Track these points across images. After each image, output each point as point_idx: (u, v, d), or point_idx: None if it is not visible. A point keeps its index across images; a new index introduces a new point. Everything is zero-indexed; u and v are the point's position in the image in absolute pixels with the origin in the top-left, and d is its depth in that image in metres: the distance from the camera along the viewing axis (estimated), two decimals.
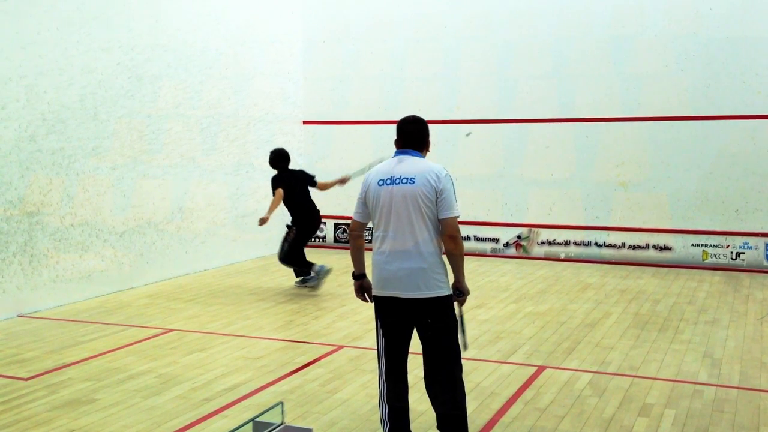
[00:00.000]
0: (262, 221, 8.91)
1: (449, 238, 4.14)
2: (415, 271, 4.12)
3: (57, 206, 8.42)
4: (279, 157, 9.34)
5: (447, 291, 4.20)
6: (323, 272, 9.27)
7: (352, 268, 4.56)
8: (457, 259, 4.21)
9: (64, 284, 8.52)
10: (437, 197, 4.10)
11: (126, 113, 9.35)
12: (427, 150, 4.38)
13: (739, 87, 10.61)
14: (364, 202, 4.32)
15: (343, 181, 9.48)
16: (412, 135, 4.29)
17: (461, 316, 4.36)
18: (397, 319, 4.25)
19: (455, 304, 4.30)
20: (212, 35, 10.87)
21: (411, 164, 4.21)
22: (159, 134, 9.88)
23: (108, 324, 7.63)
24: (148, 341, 7.00)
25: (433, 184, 4.11)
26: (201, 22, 10.66)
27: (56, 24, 8.40)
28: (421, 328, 4.24)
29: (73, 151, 8.60)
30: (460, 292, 4.33)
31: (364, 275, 4.49)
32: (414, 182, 4.12)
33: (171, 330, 7.40)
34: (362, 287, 4.49)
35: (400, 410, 4.32)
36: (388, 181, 4.19)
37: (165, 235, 10.02)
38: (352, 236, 4.49)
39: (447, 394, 4.23)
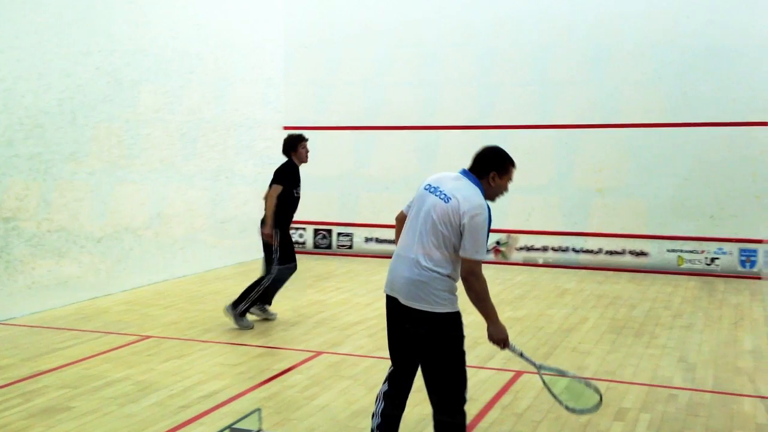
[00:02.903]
0: (268, 236, 7.67)
1: (463, 279, 4.04)
2: (413, 282, 4.06)
3: (34, 212, 8.36)
4: (293, 143, 7.81)
5: (447, 309, 4.04)
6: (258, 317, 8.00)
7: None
8: (474, 303, 4.08)
9: (41, 291, 8.45)
10: (460, 230, 3.99)
11: (105, 118, 9.30)
12: (490, 183, 4.16)
13: (715, 95, 10.74)
14: (414, 199, 4.30)
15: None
16: (477, 160, 4.21)
17: (521, 353, 4.21)
18: (397, 322, 4.23)
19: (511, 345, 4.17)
20: (193, 40, 10.84)
21: (459, 186, 4.10)
22: (138, 139, 9.84)
23: (84, 331, 7.58)
24: (125, 348, 6.97)
25: (460, 214, 3.97)
26: (181, 26, 10.64)
27: (35, 28, 8.36)
28: (415, 338, 4.20)
29: (50, 156, 8.54)
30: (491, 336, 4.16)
31: None
32: (448, 202, 4.03)
33: (148, 337, 7.37)
34: None
35: (391, 417, 4.30)
36: (432, 189, 4.14)
37: (143, 240, 9.97)
38: (396, 225, 4.45)
39: (435, 406, 4.21)
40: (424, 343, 4.11)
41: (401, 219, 4.38)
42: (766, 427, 5.05)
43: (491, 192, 4.18)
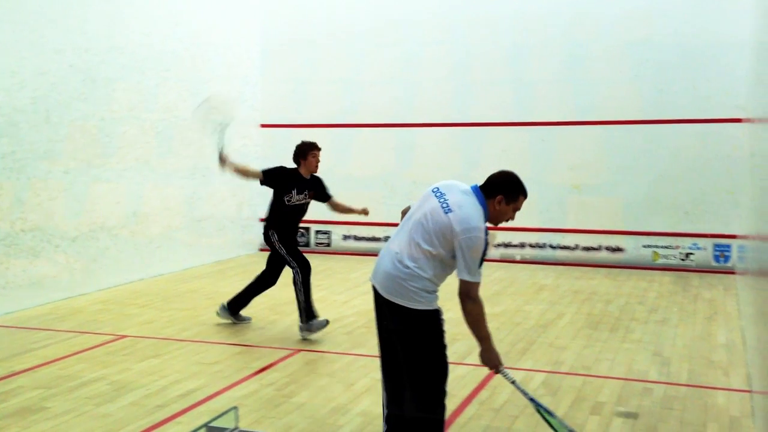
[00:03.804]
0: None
1: (460, 299, 4.00)
2: (392, 277, 4.06)
3: (7, 211, 8.27)
4: (303, 151, 7.50)
5: (423, 306, 4.01)
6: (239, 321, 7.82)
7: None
8: (469, 325, 4.03)
9: (15, 291, 8.35)
10: (452, 246, 3.94)
11: (79, 116, 9.22)
12: (495, 206, 4.10)
13: (689, 92, 10.86)
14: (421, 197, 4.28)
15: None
16: (490, 181, 4.18)
17: (513, 381, 4.21)
18: (380, 312, 4.22)
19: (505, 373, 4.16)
20: (169, 37, 10.78)
21: (464, 201, 4.05)
22: (113, 137, 9.77)
23: (59, 331, 7.51)
24: (100, 348, 6.91)
25: (456, 231, 3.92)
26: (157, 24, 10.57)
27: (8, 26, 8.26)
28: (393, 331, 4.22)
29: (24, 155, 8.45)
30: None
31: None
32: (447, 213, 3.99)
33: (124, 336, 7.32)
34: None
35: (385, 415, 4.30)
36: (438, 194, 4.11)
37: (119, 240, 9.90)
38: (401, 218, 4.41)
39: (407, 400, 4.23)
40: (401, 338, 4.13)
41: (405, 212, 4.38)
42: (740, 420, 5.11)
43: (495, 215, 4.13)
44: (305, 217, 7.74)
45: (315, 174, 7.51)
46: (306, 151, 7.44)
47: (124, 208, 10.02)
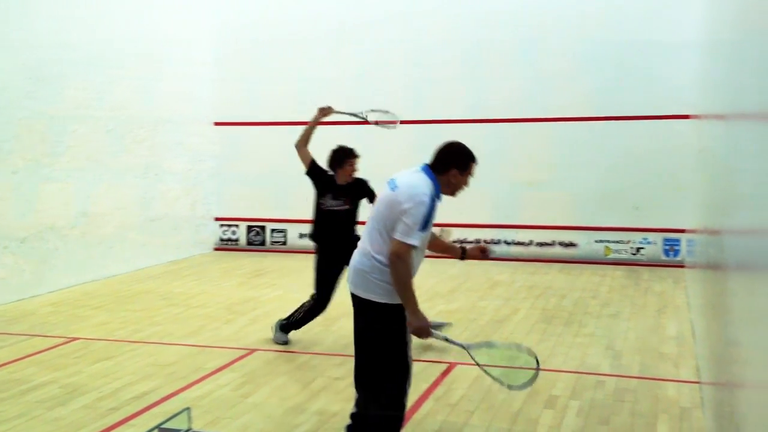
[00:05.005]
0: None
1: (389, 260, 3.97)
2: (357, 270, 4.12)
3: None
4: (339, 158, 6.90)
5: (385, 299, 4.02)
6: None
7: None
8: (395, 286, 3.98)
9: None
10: (399, 215, 3.95)
11: (27, 114, 9.02)
12: (450, 179, 4.16)
13: (641, 88, 11.04)
14: None
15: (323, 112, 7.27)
16: (438, 156, 4.21)
17: (446, 338, 4.18)
18: (354, 314, 4.23)
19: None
20: (119, 34, 10.59)
21: (410, 175, 4.11)
22: (62, 136, 9.58)
23: (9, 334, 7.35)
24: (51, 350, 6.78)
25: (401, 201, 3.96)
26: (106, 20, 10.38)
27: None
28: (356, 325, 4.22)
29: None
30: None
31: None
32: (395, 190, 4.04)
33: (76, 338, 7.19)
34: None
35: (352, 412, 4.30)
36: (390, 183, 4.15)
37: (69, 240, 9.71)
38: None
39: (361, 396, 4.24)
40: (364, 334, 4.14)
41: None
42: (690, 411, 5.22)
43: (452, 187, 4.20)
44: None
45: (358, 177, 6.90)
46: (342, 160, 6.82)
47: (75, 208, 9.83)
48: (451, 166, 4.17)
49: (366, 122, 7.25)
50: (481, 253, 4.79)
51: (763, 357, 2.46)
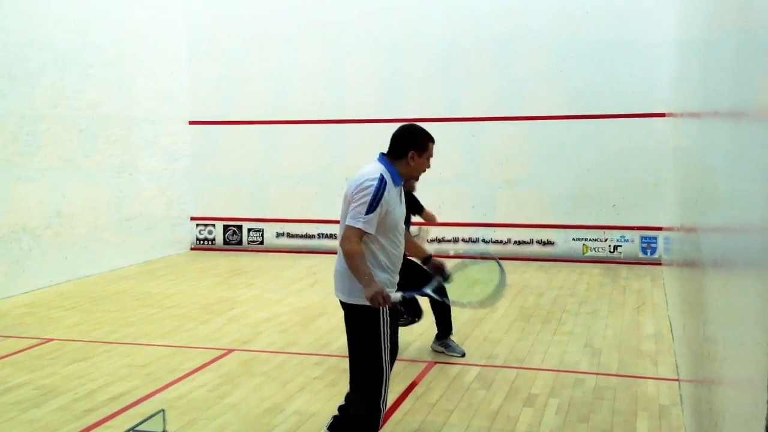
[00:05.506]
0: None
1: (340, 244, 3.94)
2: (336, 272, 4.08)
3: None
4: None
5: (361, 301, 3.92)
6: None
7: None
8: (349, 268, 3.91)
9: None
10: (351, 204, 3.92)
11: None
12: (409, 163, 4.10)
13: (615, 87, 11.10)
14: None
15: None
16: (394, 141, 4.16)
17: (403, 295, 4.02)
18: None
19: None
20: (92, 32, 10.46)
21: (365, 169, 4.05)
22: (34, 135, 9.44)
23: None
24: (25, 352, 6.67)
25: (351, 190, 3.93)
26: (79, 18, 10.24)
27: None
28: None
29: None
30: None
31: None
32: (348, 184, 4.03)
33: (50, 340, 7.08)
34: None
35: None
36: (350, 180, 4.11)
37: (42, 241, 9.57)
38: None
39: (352, 395, 4.23)
40: (347, 334, 4.13)
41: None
42: (669, 408, 5.24)
43: (412, 171, 4.16)
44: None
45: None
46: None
47: (47, 208, 9.70)
48: (408, 148, 4.12)
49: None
50: (438, 271, 4.52)
51: (740, 354, 2.45)
